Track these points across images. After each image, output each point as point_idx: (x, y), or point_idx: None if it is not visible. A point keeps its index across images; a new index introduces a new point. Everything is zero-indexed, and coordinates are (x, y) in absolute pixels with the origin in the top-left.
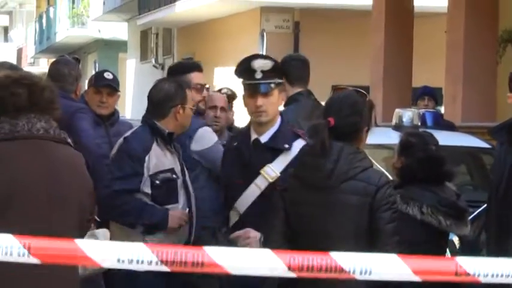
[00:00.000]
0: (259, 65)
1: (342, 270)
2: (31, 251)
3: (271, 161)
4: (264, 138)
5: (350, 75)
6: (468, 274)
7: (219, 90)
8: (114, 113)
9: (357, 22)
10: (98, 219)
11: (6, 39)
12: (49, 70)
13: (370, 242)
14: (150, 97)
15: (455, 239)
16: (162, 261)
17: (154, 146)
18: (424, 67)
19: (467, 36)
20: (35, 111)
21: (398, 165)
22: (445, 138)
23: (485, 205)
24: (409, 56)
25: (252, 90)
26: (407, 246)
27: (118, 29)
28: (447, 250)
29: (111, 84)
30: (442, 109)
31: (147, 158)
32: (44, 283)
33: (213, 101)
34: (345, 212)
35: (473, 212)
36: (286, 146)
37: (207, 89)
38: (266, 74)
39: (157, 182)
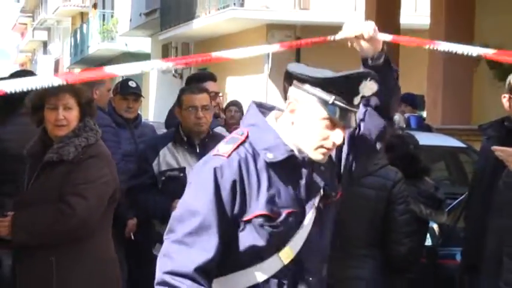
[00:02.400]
0: None
1: None
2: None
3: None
4: None
5: None
6: None
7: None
8: (138, 117)
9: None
10: None
11: (45, 52)
12: None
13: (383, 230)
14: None
15: (435, 226)
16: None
17: (166, 148)
18: (410, 76)
19: (446, 51)
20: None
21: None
22: (426, 139)
23: (462, 196)
24: (396, 66)
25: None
26: None
27: (142, 43)
28: (427, 235)
29: (136, 92)
30: (425, 113)
31: (156, 158)
32: None
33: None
34: (363, 204)
35: (450, 203)
36: None
37: (220, 96)
38: None
39: (163, 178)
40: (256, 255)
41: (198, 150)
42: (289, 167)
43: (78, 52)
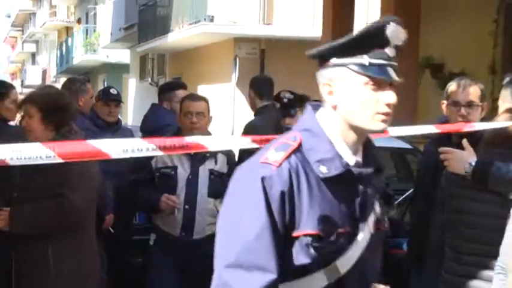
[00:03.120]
0: (287, 95)
1: None
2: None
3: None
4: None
5: (304, 91)
6: None
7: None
8: (118, 121)
9: (310, 50)
10: None
11: (34, 62)
12: (62, 88)
13: None
14: None
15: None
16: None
17: None
18: None
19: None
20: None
21: None
22: (378, 141)
23: (408, 192)
24: None
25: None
26: None
27: (122, 55)
28: None
29: (116, 98)
30: None
31: (155, 157)
32: None
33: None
34: None
35: (397, 199)
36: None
37: None
38: (291, 102)
39: (158, 174)
40: (299, 271)
41: (191, 153)
42: (344, 183)
43: (64, 63)
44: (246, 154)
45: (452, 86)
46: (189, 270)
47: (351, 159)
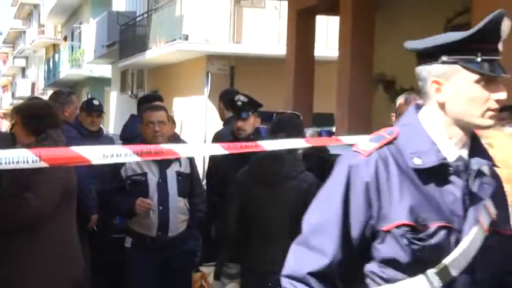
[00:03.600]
0: (241, 98)
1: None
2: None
3: None
4: None
5: (270, 104)
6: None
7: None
8: (100, 129)
9: (276, 67)
10: None
11: (24, 76)
12: (49, 99)
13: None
14: None
15: None
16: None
17: None
18: (322, 99)
19: (351, 78)
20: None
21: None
22: (335, 149)
23: None
24: (311, 91)
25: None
26: None
27: (104, 70)
28: None
29: (98, 109)
30: (334, 128)
31: (124, 165)
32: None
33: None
34: (285, 202)
35: None
36: None
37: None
38: (245, 105)
39: (129, 182)
40: (397, 272)
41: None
42: (440, 176)
43: (51, 76)
44: (215, 159)
45: (400, 100)
46: (168, 268)
47: (453, 154)
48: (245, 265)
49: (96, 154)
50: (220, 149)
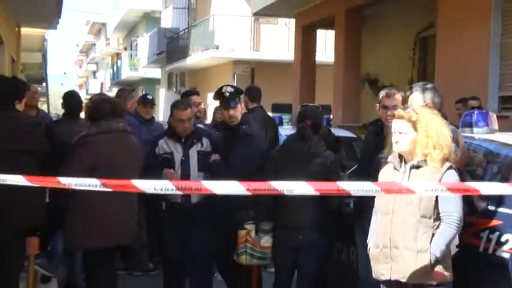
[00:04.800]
0: (228, 89)
1: (276, 190)
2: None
3: None
4: None
5: (282, 98)
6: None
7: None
8: (152, 118)
9: (286, 69)
10: None
11: (94, 77)
12: (115, 95)
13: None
14: None
15: None
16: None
17: (163, 139)
18: (322, 93)
19: (344, 78)
20: (114, 117)
21: None
22: (334, 131)
23: (353, 167)
24: (313, 87)
25: (225, 106)
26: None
27: (155, 72)
28: None
29: (151, 102)
30: (331, 116)
31: (158, 145)
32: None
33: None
34: (315, 174)
35: (348, 170)
36: None
37: (202, 105)
38: (232, 95)
39: (160, 158)
40: None
41: (183, 141)
42: None
43: (115, 78)
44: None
45: (382, 94)
46: (189, 227)
47: None
48: (278, 223)
49: (149, 186)
50: (241, 188)
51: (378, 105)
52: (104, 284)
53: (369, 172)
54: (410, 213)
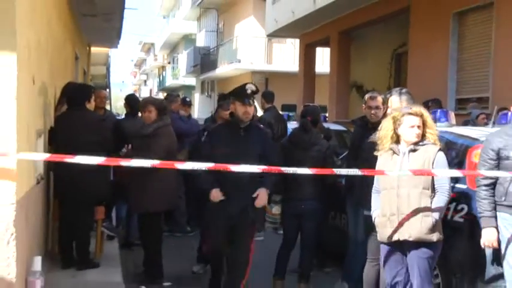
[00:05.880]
0: (252, 87)
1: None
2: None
3: None
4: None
5: (289, 99)
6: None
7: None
8: (190, 115)
9: (293, 78)
10: None
11: (145, 85)
12: (165, 98)
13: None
14: None
15: None
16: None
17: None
18: (320, 96)
19: (337, 84)
20: (162, 114)
21: None
22: (329, 125)
23: (344, 154)
24: (313, 92)
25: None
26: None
27: (192, 81)
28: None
29: (189, 103)
30: (327, 114)
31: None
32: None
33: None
34: (314, 160)
35: (340, 157)
36: None
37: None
38: (253, 93)
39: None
40: None
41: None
42: None
43: (161, 85)
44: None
45: (367, 97)
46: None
47: None
48: (285, 196)
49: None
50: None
51: (363, 105)
52: (153, 241)
53: (357, 155)
54: (413, 186)
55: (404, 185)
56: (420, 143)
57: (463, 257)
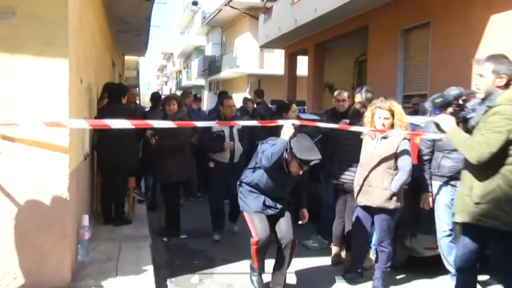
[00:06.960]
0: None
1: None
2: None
3: None
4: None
5: (277, 96)
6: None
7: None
8: (200, 108)
9: (279, 80)
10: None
11: (166, 85)
12: (180, 95)
13: None
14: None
15: None
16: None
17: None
18: (300, 94)
19: (313, 85)
20: (180, 107)
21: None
22: (307, 116)
23: (318, 137)
24: (295, 90)
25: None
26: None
27: (202, 81)
28: None
29: (199, 99)
30: (305, 107)
31: (212, 127)
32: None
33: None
34: None
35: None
36: None
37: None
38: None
39: (215, 134)
40: None
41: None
42: None
43: (178, 85)
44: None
45: (336, 93)
46: (231, 176)
47: None
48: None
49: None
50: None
51: (333, 99)
52: (173, 204)
53: (328, 138)
54: (379, 165)
55: (374, 164)
56: (391, 132)
57: (407, 215)
